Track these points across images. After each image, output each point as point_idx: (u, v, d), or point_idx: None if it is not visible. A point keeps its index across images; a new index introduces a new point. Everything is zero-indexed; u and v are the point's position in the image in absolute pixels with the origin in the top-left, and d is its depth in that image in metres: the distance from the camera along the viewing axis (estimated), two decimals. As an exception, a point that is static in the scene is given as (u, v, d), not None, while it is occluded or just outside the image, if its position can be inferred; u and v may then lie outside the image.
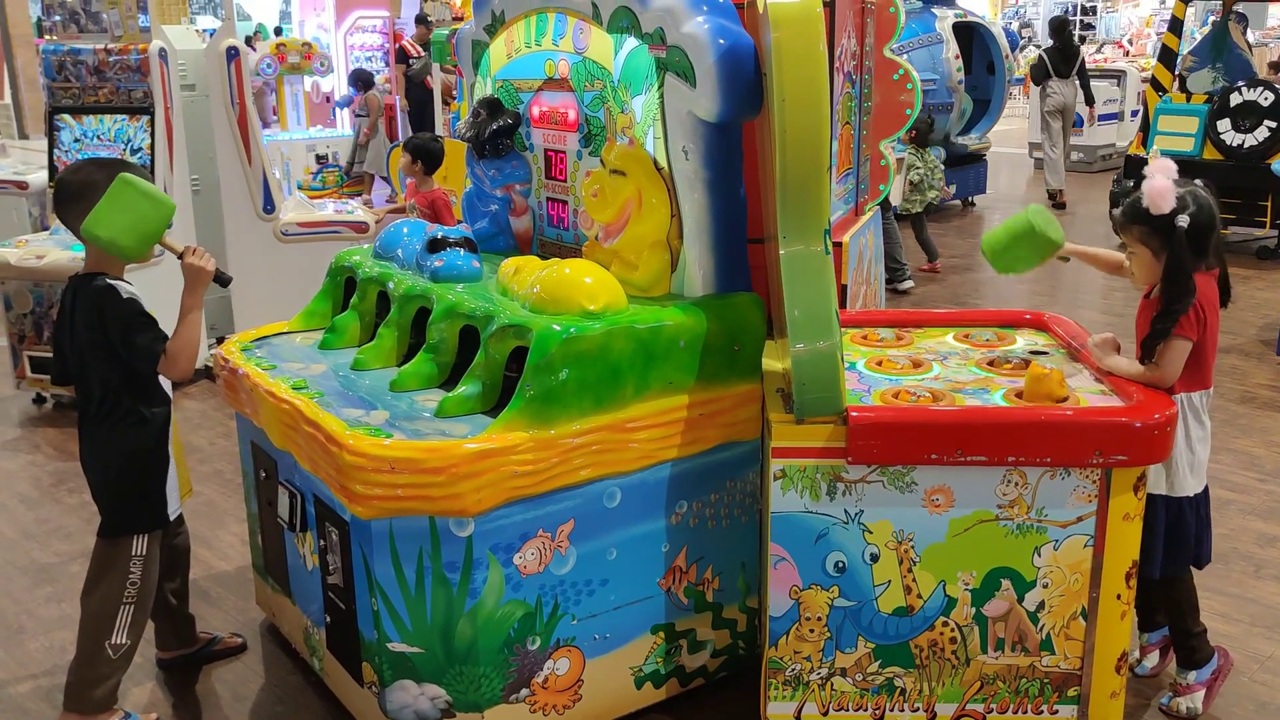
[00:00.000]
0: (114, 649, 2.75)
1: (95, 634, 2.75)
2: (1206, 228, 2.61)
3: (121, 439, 2.75)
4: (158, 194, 2.62)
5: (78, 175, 2.72)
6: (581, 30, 2.97)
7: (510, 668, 2.60)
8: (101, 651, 2.74)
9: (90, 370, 2.71)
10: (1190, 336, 2.59)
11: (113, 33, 5.79)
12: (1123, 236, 2.72)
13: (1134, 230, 2.66)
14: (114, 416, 2.73)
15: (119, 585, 2.76)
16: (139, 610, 2.79)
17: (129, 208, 2.56)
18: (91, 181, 2.63)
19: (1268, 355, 6.03)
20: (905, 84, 4.17)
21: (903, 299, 7.30)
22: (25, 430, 5.23)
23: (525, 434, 2.47)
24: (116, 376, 2.70)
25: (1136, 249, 2.68)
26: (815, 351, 2.41)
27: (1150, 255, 2.65)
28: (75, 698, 2.76)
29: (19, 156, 8.05)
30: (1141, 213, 2.61)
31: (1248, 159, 8.28)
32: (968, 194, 10.97)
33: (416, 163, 5.65)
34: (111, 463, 2.77)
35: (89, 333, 2.67)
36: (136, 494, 2.79)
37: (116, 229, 2.56)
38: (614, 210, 2.81)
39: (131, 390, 2.72)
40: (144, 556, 2.78)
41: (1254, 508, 4.13)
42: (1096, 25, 28.37)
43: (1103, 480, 2.48)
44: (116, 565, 2.76)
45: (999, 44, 10.82)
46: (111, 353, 2.67)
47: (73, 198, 2.66)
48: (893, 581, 2.57)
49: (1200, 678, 2.88)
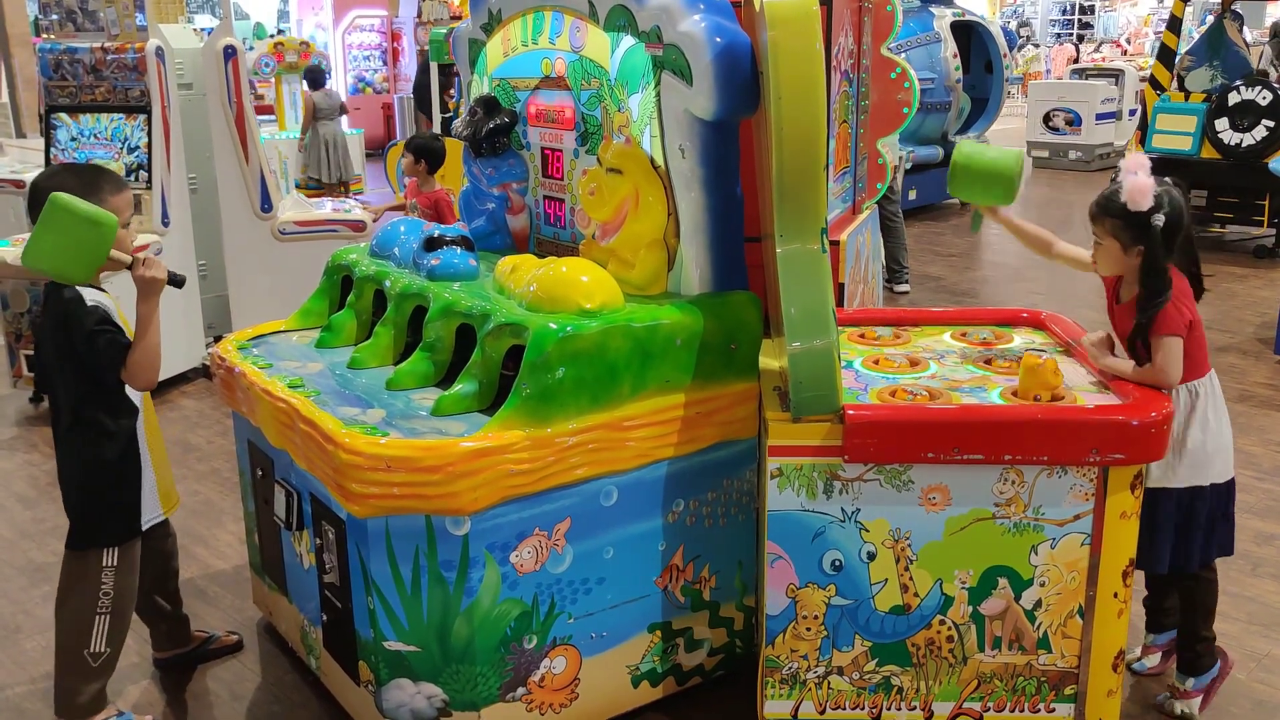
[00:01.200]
0: (93, 657, 2.72)
1: (73, 645, 2.73)
2: (1178, 227, 2.64)
3: (87, 450, 2.69)
4: (96, 213, 2.46)
5: (49, 181, 2.61)
6: (578, 29, 2.97)
7: (507, 666, 2.59)
8: (81, 661, 2.72)
9: (58, 381, 2.68)
10: (1179, 333, 2.60)
11: (110, 31, 5.79)
12: (1093, 226, 2.74)
13: (1106, 222, 2.68)
14: (79, 427, 2.68)
15: (91, 597, 2.71)
16: (115, 619, 2.74)
17: (66, 231, 2.43)
18: (63, 188, 2.49)
19: (1265, 354, 6.03)
20: (903, 82, 4.17)
21: (900, 299, 7.30)
22: (22, 429, 5.23)
23: (522, 432, 2.47)
24: (83, 388, 2.65)
25: (1105, 240, 2.71)
26: (812, 350, 2.41)
27: (1119, 248, 2.67)
28: (62, 704, 2.76)
29: (16, 155, 8.04)
30: (1118, 206, 2.63)
31: (1245, 158, 8.28)
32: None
33: (420, 162, 5.64)
34: (76, 474, 2.73)
35: (55, 343, 2.63)
36: (104, 505, 2.73)
37: (58, 259, 2.44)
38: (611, 209, 2.81)
39: (96, 402, 2.66)
40: (115, 567, 2.73)
41: (1251, 506, 4.13)
42: (1094, 25, 28.40)
43: (1100, 478, 2.48)
44: (86, 578, 2.72)
45: (997, 43, 10.82)
46: (77, 364, 2.62)
47: (38, 204, 2.52)
48: (889, 580, 2.57)
49: (1199, 684, 2.88)
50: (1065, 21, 29.16)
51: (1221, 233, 9.13)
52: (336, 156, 10.59)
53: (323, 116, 10.57)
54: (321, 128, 10.51)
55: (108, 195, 2.61)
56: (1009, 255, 8.84)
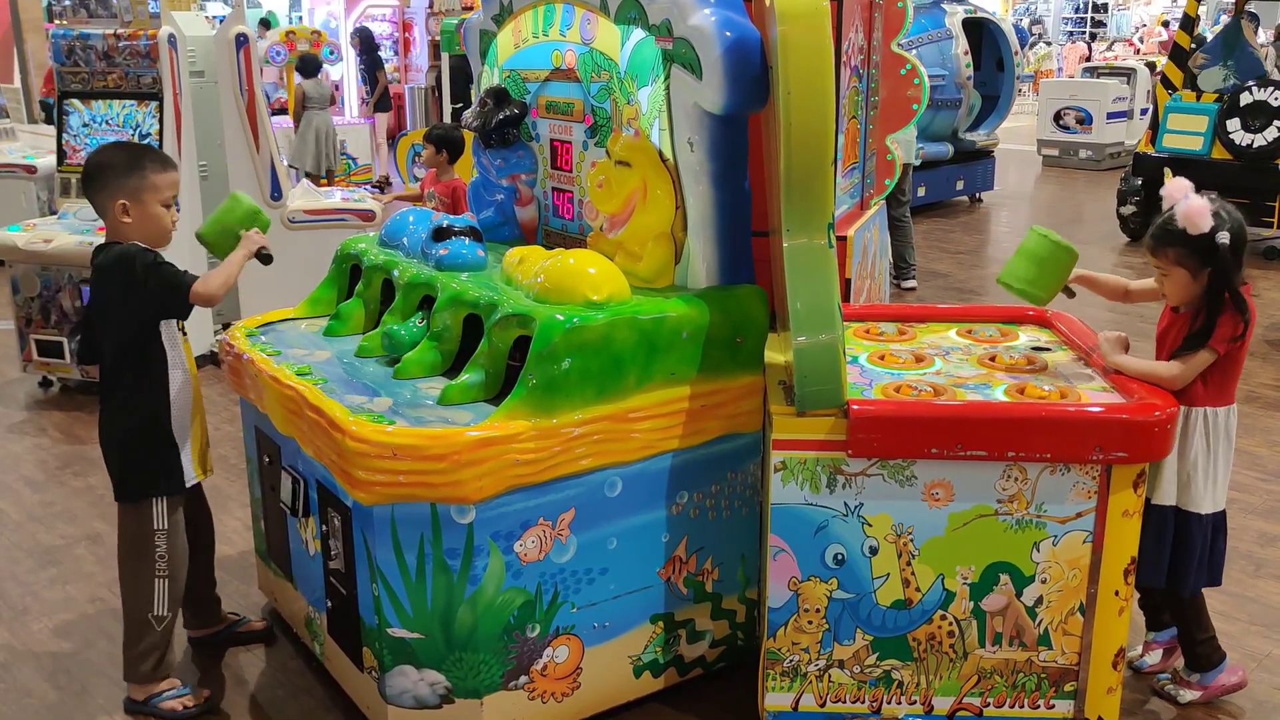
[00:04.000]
0: (157, 620, 2.85)
1: (138, 611, 2.85)
2: (1242, 241, 2.61)
3: (134, 398, 2.81)
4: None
5: (97, 156, 2.84)
6: (589, 21, 2.98)
7: (510, 655, 2.61)
8: (147, 625, 2.85)
9: (106, 333, 2.80)
10: (1219, 350, 2.59)
11: (122, 18, 5.81)
12: (1156, 259, 2.69)
13: (1170, 253, 2.63)
14: (124, 379, 2.80)
15: (149, 561, 2.83)
16: (173, 583, 2.87)
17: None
18: (110, 163, 2.77)
19: (1273, 355, 6.02)
20: (912, 79, 4.17)
21: (906, 296, 7.30)
22: (32, 413, 5.25)
23: (527, 422, 2.48)
24: (129, 333, 2.77)
25: (1172, 271, 2.65)
26: (817, 344, 2.42)
27: (1188, 276, 2.63)
28: (130, 669, 2.89)
29: (28, 141, 8.08)
30: (1178, 234, 2.59)
31: (1257, 159, 8.25)
32: (975, 190, 10.95)
33: (441, 152, 5.65)
34: (121, 424, 2.83)
35: (110, 284, 2.76)
36: (148, 455, 2.83)
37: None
38: (619, 201, 2.82)
39: (146, 347, 2.79)
40: (166, 530, 2.84)
41: (1255, 507, 4.13)
42: (1107, 23, 28.28)
43: (1103, 476, 2.49)
44: (142, 536, 2.83)
45: (1009, 40, 10.79)
46: (129, 305, 2.74)
47: (89, 177, 2.80)
48: (891, 574, 2.58)
49: (1205, 681, 2.89)
50: (1078, 20, 29.05)
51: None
52: (325, 147, 10.51)
53: (312, 106, 10.41)
54: (314, 117, 10.41)
55: (149, 172, 2.79)
56: (1017, 253, 8.82)
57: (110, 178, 2.75)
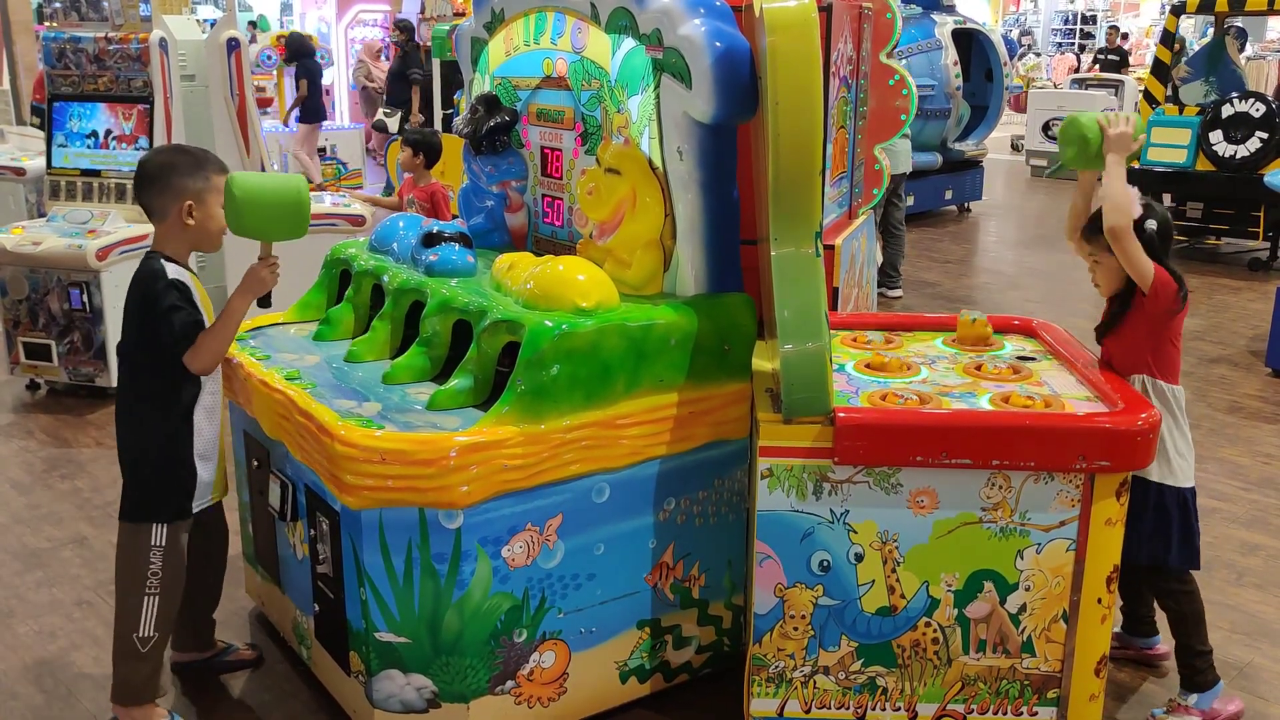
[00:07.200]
0: (142, 641, 2.74)
1: (125, 629, 2.75)
2: (1168, 234, 2.74)
3: (147, 422, 2.75)
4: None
5: (159, 157, 2.83)
6: (580, 30, 3.00)
7: (496, 659, 2.62)
8: (131, 645, 2.74)
9: (125, 348, 2.77)
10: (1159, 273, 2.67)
11: (113, 21, 5.81)
12: (1089, 246, 2.83)
13: (1100, 240, 2.73)
14: (135, 398, 2.76)
15: (139, 576, 2.73)
16: (164, 602, 2.76)
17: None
18: (174, 164, 2.75)
19: (1257, 366, 6.07)
20: (901, 89, 4.20)
21: (893, 304, 7.33)
22: (19, 416, 5.24)
23: (516, 428, 2.49)
24: (144, 356, 2.73)
25: (1103, 257, 2.77)
26: (804, 352, 2.43)
27: (1117, 264, 2.72)
28: (117, 688, 2.79)
29: (17, 143, 8.05)
30: None
31: (1240, 170, 8.33)
32: (964, 200, 11.01)
33: (418, 155, 5.63)
34: (131, 445, 2.78)
35: (131, 303, 2.72)
36: (156, 479, 2.75)
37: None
38: (608, 209, 2.84)
39: (155, 373, 2.72)
40: (164, 548, 2.74)
41: (1237, 516, 4.17)
42: (1096, 34, 28.43)
43: (1086, 485, 2.51)
44: (136, 554, 2.74)
45: (998, 51, 10.85)
46: (143, 331, 2.70)
47: (150, 178, 2.75)
48: (876, 581, 2.60)
49: (1202, 704, 2.85)
50: (1067, 31, 29.20)
51: (1216, 245, 9.18)
52: None
53: None
54: None
55: (212, 173, 2.77)
56: (1005, 263, 8.87)
57: (175, 178, 2.72)
